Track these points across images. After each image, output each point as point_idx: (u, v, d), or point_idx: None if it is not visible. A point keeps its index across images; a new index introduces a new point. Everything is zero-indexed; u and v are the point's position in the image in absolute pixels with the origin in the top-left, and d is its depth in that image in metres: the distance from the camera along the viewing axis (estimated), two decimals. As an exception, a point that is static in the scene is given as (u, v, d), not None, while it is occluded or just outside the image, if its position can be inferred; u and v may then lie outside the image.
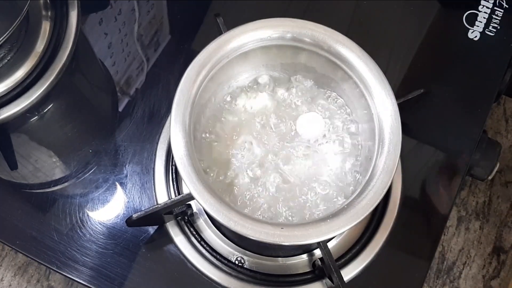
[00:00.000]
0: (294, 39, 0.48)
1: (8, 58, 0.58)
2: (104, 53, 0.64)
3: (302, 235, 0.41)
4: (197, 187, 0.42)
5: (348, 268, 0.53)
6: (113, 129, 0.60)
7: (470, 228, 0.65)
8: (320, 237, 0.41)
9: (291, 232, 0.41)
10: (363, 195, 0.42)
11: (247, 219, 0.41)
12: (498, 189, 0.67)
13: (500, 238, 0.64)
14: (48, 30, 0.60)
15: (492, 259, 0.64)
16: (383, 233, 0.54)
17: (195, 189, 0.42)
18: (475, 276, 0.63)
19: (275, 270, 0.53)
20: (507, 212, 0.66)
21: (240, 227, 0.41)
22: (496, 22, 0.63)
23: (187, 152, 0.43)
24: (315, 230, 0.41)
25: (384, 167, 0.43)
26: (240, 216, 0.41)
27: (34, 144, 0.59)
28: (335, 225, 0.41)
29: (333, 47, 0.47)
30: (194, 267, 0.53)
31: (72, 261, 0.53)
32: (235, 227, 0.41)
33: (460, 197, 0.66)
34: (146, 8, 0.66)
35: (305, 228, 0.41)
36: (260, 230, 0.41)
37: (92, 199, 0.56)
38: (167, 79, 0.62)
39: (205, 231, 0.54)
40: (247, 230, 0.41)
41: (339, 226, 0.41)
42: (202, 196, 0.42)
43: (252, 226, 0.41)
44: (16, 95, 0.58)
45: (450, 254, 0.64)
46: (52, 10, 0.61)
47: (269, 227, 0.41)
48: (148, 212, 0.49)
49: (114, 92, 0.63)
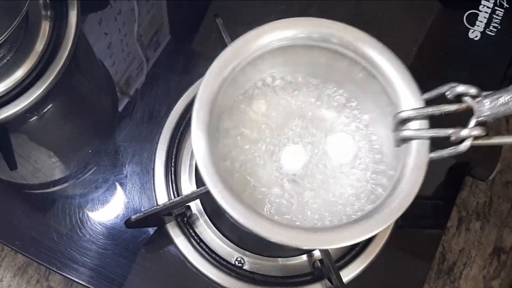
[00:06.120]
0: (321, 39, 0.46)
1: (7, 58, 0.58)
2: (104, 53, 0.64)
3: (336, 238, 0.40)
4: (223, 194, 0.40)
5: (347, 269, 0.53)
6: (113, 129, 0.60)
7: (471, 228, 0.65)
8: (355, 239, 0.40)
9: (325, 236, 0.40)
10: (394, 196, 0.41)
11: (279, 226, 0.40)
12: (498, 190, 0.66)
13: (501, 238, 0.64)
14: (47, 30, 0.60)
15: (493, 260, 0.63)
16: (383, 234, 0.54)
17: (220, 195, 0.40)
18: (476, 277, 0.63)
19: (274, 271, 0.53)
20: (508, 213, 0.65)
21: (270, 233, 0.39)
22: (497, 22, 0.62)
23: (209, 153, 0.41)
24: (350, 232, 0.40)
25: (415, 165, 0.41)
26: (271, 223, 0.40)
27: (33, 144, 0.59)
28: (369, 226, 0.40)
29: (359, 47, 0.46)
30: (194, 268, 0.53)
31: (72, 262, 0.53)
32: (266, 234, 0.39)
33: (461, 198, 0.66)
34: (146, 8, 0.66)
35: (340, 231, 0.40)
36: (293, 236, 0.39)
37: (92, 199, 0.56)
38: (167, 79, 0.62)
39: (205, 232, 0.54)
40: (280, 236, 0.39)
41: (373, 227, 0.40)
42: (230, 204, 0.40)
43: (284, 232, 0.40)
44: (16, 95, 0.58)
45: (451, 255, 0.63)
46: (51, 10, 0.61)
47: (302, 232, 0.40)
48: (146, 214, 0.49)
49: (114, 92, 0.62)
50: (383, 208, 0.41)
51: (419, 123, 0.42)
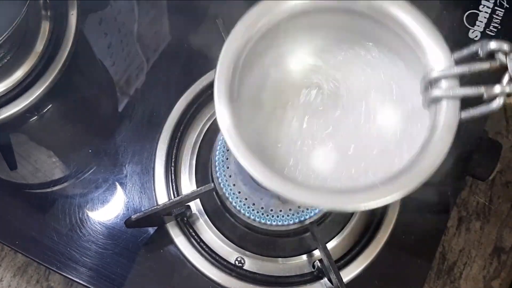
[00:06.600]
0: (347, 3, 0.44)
1: (7, 58, 0.58)
2: (104, 53, 0.64)
3: (366, 197, 0.38)
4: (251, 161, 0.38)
5: (348, 269, 0.52)
6: (113, 129, 0.60)
7: (471, 228, 0.65)
8: (384, 198, 0.38)
9: (354, 196, 0.38)
10: (423, 155, 0.39)
11: (306, 189, 0.38)
12: (498, 189, 0.66)
13: (501, 238, 0.64)
14: (47, 30, 0.60)
15: (493, 260, 0.63)
16: (383, 234, 0.54)
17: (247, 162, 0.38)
18: (476, 277, 0.63)
19: (274, 270, 0.53)
20: (508, 213, 0.65)
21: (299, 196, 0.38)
22: (497, 22, 0.62)
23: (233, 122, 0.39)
24: (380, 192, 0.38)
25: (445, 124, 0.39)
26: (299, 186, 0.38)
27: (33, 144, 0.59)
28: (398, 185, 0.38)
29: (386, 7, 0.43)
30: (194, 268, 0.53)
31: (72, 262, 0.53)
32: (299, 198, 0.38)
33: (461, 197, 0.66)
34: (146, 8, 0.66)
35: (370, 191, 0.38)
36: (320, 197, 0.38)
37: (92, 199, 0.56)
38: (167, 79, 0.62)
39: (205, 232, 0.54)
40: (309, 199, 0.38)
41: (401, 187, 0.38)
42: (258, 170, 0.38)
43: (310, 195, 0.38)
44: (16, 95, 0.58)
45: (451, 255, 0.63)
46: (51, 10, 0.61)
47: (326, 193, 0.38)
48: (146, 213, 0.49)
49: (114, 92, 0.62)
50: (413, 168, 0.39)
51: (449, 83, 0.41)
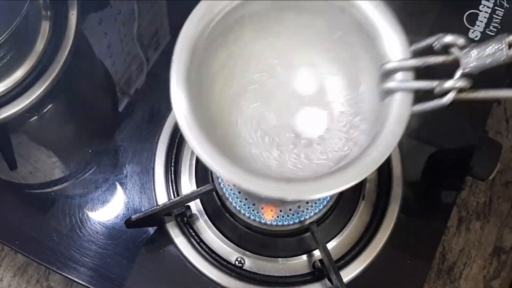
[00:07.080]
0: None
1: (7, 58, 0.58)
2: (104, 53, 0.64)
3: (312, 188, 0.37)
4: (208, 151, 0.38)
5: (348, 269, 0.52)
6: (113, 129, 0.60)
7: (471, 228, 0.65)
8: (330, 190, 0.38)
9: (299, 187, 0.37)
10: (373, 147, 0.38)
11: (259, 177, 0.38)
12: (498, 189, 0.66)
13: (501, 238, 0.64)
14: (47, 30, 0.60)
15: (493, 260, 0.63)
16: (384, 234, 0.54)
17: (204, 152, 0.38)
18: (476, 277, 0.63)
19: (275, 271, 0.53)
20: (508, 213, 0.65)
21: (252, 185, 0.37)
22: (497, 22, 0.62)
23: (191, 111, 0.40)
24: (325, 183, 0.37)
25: (397, 117, 0.39)
26: (253, 176, 0.38)
27: (33, 144, 0.59)
28: (346, 177, 0.37)
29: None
30: (194, 268, 0.53)
31: (72, 262, 0.53)
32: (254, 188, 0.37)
33: (461, 197, 0.66)
34: (146, 8, 0.66)
35: (317, 181, 0.38)
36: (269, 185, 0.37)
37: (92, 199, 0.56)
38: (167, 79, 0.61)
39: (205, 232, 0.54)
40: (260, 187, 0.37)
41: (348, 179, 0.37)
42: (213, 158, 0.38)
43: (262, 182, 0.37)
44: (16, 95, 0.58)
45: (451, 255, 0.63)
46: (51, 10, 0.61)
47: (273, 182, 0.37)
48: (146, 214, 0.49)
49: (114, 92, 0.62)
50: (362, 159, 0.38)
51: (404, 76, 0.40)
